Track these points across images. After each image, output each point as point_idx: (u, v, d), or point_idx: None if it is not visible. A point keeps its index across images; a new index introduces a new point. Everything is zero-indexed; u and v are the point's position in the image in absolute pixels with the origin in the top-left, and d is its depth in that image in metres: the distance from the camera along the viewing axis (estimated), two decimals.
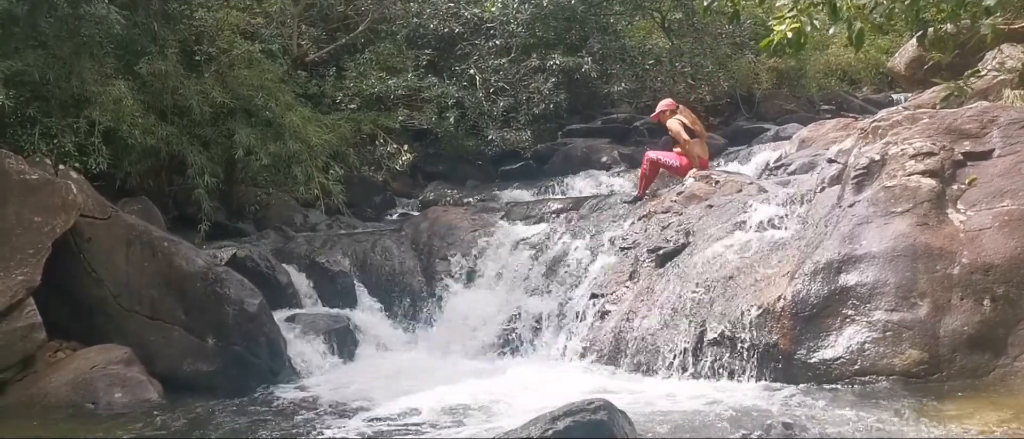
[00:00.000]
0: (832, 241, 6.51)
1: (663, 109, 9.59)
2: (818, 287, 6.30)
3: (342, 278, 8.95)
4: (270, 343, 7.35)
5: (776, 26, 5.52)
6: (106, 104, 8.16)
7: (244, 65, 9.70)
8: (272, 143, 9.45)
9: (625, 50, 15.33)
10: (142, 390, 6.65)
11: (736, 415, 5.47)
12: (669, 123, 9.38)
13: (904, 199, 6.43)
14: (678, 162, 9.27)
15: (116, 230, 7.48)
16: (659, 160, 9.39)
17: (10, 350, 6.45)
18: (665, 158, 9.37)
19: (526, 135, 13.95)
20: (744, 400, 5.85)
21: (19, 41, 7.84)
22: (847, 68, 19.67)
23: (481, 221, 9.70)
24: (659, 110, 9.66)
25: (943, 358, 5.83)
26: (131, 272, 7.36)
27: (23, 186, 6.85)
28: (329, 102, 12.45)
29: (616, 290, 7.92)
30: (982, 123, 6.84)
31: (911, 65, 11.75)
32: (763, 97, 17.81)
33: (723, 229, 7.67)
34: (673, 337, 6.86)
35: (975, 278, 5.94)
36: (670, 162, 9.30)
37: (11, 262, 6.57)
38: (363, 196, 12.45)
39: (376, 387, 7.02)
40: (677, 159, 9.31)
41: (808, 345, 6.19)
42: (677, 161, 9.27)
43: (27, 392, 6.50)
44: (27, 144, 7.67)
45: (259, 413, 6.42)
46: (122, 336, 7.14)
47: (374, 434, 5.68)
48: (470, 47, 14.70)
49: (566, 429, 4.31)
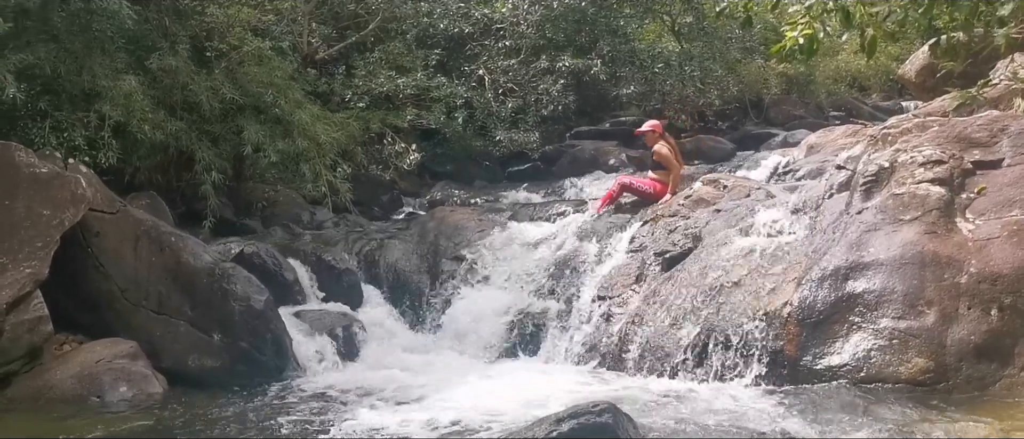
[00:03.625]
0: (840, 248, 6.50)
1: (652, 128, 9.54)
2: (825, 293, 6.29)
3: (348, 276, 8.96)
4: (276, 340, 7.36)
5: (788, 32, 5.50)
6: (116, 99, 8.20)
7: (254, 62, 9.73)
8: (280, 140, 9.48)
9: (635, 53, 15.36)
10: (147, 384, 6.66)
11: (740, 420, 5.45)
12: (658, 148, 9.34)
13: (913, 207, 6.42)
14: (652, 189, 9.21)
15: (124, 225, 7.50)
16: (631, 185, 9.33)
17: (17, 342, 6.46)
18: (638, 184, 9.31)
19: (534, 136, 13.98)
20: (749, 405, 5.84)
21: (31, 35, 7.89)
22: (857, 74, 19.68)
23: (488, 221, 9.70)
24: (647, 128, 9.58)
25: (949, 367, 5.81)
26: (139, 267, 7.38)
27: (33, 179, 6.87)
28: (338, 100, 12.50)
29: (622, 293, 7.91)
30: (992, 132, 6.82)
31: (921, 72, 11.72)
32: (772, 102, 17.82)
33: (730, 234, 7.66)
34: (679, 340, 6.85)
35: (983, 287, 5.92)
36: (644, 188, 9.24)
37: (19, 255, 6.58)
38: (370, 195, 12.48)
39: (381, 385, 7.02)
40: (651, 185, 9.24)
41: (814, 351, 6.17)
42: (651, 188, 9.22)
43: (33, 384, 6.51)
44: (37, 138, 7.71)
45: (264, 409, 6.43)
46: (128, 330, 7.16)
47: (378, 432, 5.68)
48: (479, 47, 14.74)
49: (571, 431, 4.32)
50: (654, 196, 9.13)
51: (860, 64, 18.57)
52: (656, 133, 9.46)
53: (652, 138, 9.48)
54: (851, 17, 5.34)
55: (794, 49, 5.55)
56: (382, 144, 13.01)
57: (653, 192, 9.16)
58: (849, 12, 5.45)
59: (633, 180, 9.47)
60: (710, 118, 17.18)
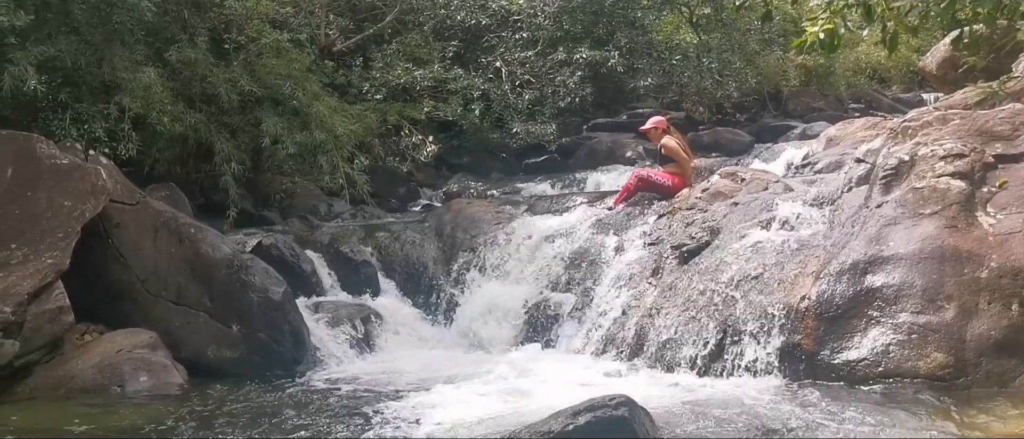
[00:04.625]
0: (859, 242, 6.46)
1: (656, 125, 9.49)
2: (843, 288, 6.25)
3: (365, 268, 8.99)
4: (294, 331, 7.40)
5: (809, 28, 5.45)
6: (136, 91, 8.25)
7: (272, 54, 9.78)
8: (298, 132, 9.52)
9: (652, 45, 15.28)
10: (167, 375, 6.71)
11: (757, 414, 5.44)
12: (666, 141, 9.31)
13: (933, 201, 6.37)
14: (669, 181, 9.17)
15: (144, 216, 7.56)
16: (649, 178, 9.28)
17: (38, 332, 6.52)
18: (656, 177, 9.27)
19: (551, 128, 13.96)
20: (765, 399, 5.82)
21: (52, 27, 7.95)
22: (877, 66, 19.50)
23: (505, 214, 9.70)
24: (651, 125, 9.54)
25: (969, 362, 5.77)
26: (158, 258, 7.44)
27: (54, 170, 6.93)
28: (355, 92, 12.54)
29: (639, 286, 7.90)
30: (1014, 125, 6.75)
31: (943, 65, 11.60)
32: (791, 94, 17.70)
33: (748, 227, 7.63)
34: (695, 334, 6.84)
35: (1003, 282, 5.87)
36: (661, 181, 9.20)
37: (41, 245, 6.65)
38: (387, 186, 12.51)
39: (397, 377, 7.05)
40: (669, 178, 9.20)
41: (832, 346, 6.15)
42: (668, 180, 9.17)
43: (54, 374, 6.57)
44: (58, 129, 7.77)
45: (282, 400, 6.47)
46: (148, 321, 7.21)
47: (393, 423, 5.70)
48: (496, 39, 14.72)
49: (587, 424, 4.32)
50: (671, 189, 9.09)
51: (881, 56, 18.38)
52: (660, 129, 9.43)
53: (656, 134, 9.45)
54: (872, 12, 5.29)
55: (814, 44, 5.51)
56: (399, 136, 13.04)
57: (671, 185, 9.12)
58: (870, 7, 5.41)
59: (651, 173, 9.43)
60: (728, 110, 17.08)
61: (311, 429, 5.68)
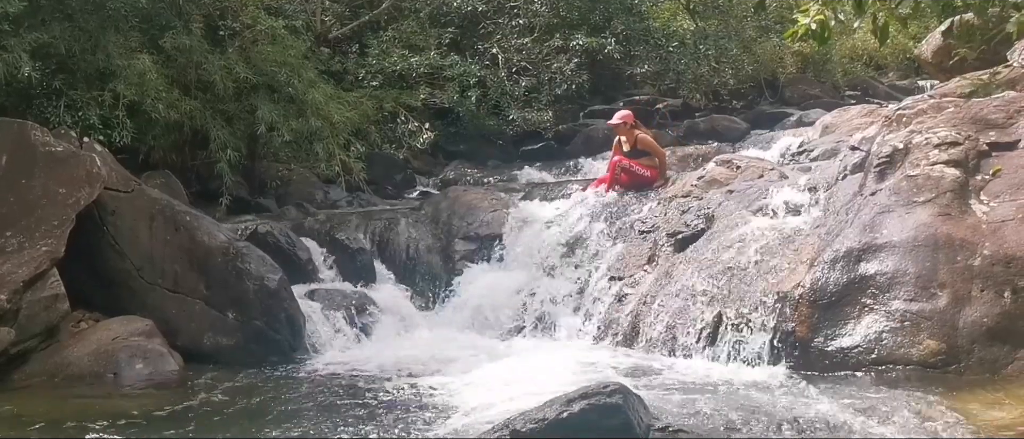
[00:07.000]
0: (853, 229, 6.48)
1: (624, 119, 9.46)
2: (837, 275, 6.27)
3: (361, 255, 9.00)
4: (290, 319, 7.41)
5: (801, 19, 5.44)
6: (131, 78, 8.23)
7: (267, 41, 9.75)
8: (294, 119, 9.51)
9: (649, 32, 15.26)
10: (163, 362, 6.71)
11: (751, 400, 5.46)
12: (642, 135, 9.36)
13: (927, 189, 6.39)
14: (648, 173, 9.22)
15: (139, 203, 7.55)
16: (630, 167, 9.28)
17: (34, 320, 6.53)
18: (635, 167, 9.28)
19: (548, 115, 13.94)
20: (760, 386, 5.85)
21: (46, 13, 7.93)
22: (873, 54, 19.49)
23: (501, 201, 9.69)
24: (619, 120, 9.49)
25: (961, 349, 5.80)
26: (154, 245, 7.44)
27: (48, 158, 6.93)
28: (351, 79, 12.51)
29: (635, 273, 7.92)
30: (1008, 113, 6.77)
31: (938, 53, 11.57)
32: (787, 81, 17.68)
33: (743, 214, 7.65)
34: (691, 321, 6.86)
35: (996, 270, 5.90)
36: (641, 172, 9.23)
37: (36, 233, 6.65)
38: (384, 174, 12.50)
39: (393, 364, 7.06)
40: (647, 170, 9.25)
41: (826, 333, 6.17)
42: (648, 172, 9.23)
43: (50, 361, 6.58)
44: (53, 116, 7.76)
45: (278, 387, 6.49)
46: (144, 309, 7.22)
47: (390, 410, 5.72)
48: (493, 26, 14.68)
49: (581, 412, 4.33)
50: (649, 180, 9.16)
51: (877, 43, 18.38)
52: (627, 124, 9.42)
53: (623, 129, 9.42)
54: (863, 3, 5.27)
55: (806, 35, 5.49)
56: (395, 123, 13.02)
57: (649, 176, 9.19)
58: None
59: (632, 164, 9.37)
60: (725, 97, 17.08)
61: (307, 416, 5.70)
